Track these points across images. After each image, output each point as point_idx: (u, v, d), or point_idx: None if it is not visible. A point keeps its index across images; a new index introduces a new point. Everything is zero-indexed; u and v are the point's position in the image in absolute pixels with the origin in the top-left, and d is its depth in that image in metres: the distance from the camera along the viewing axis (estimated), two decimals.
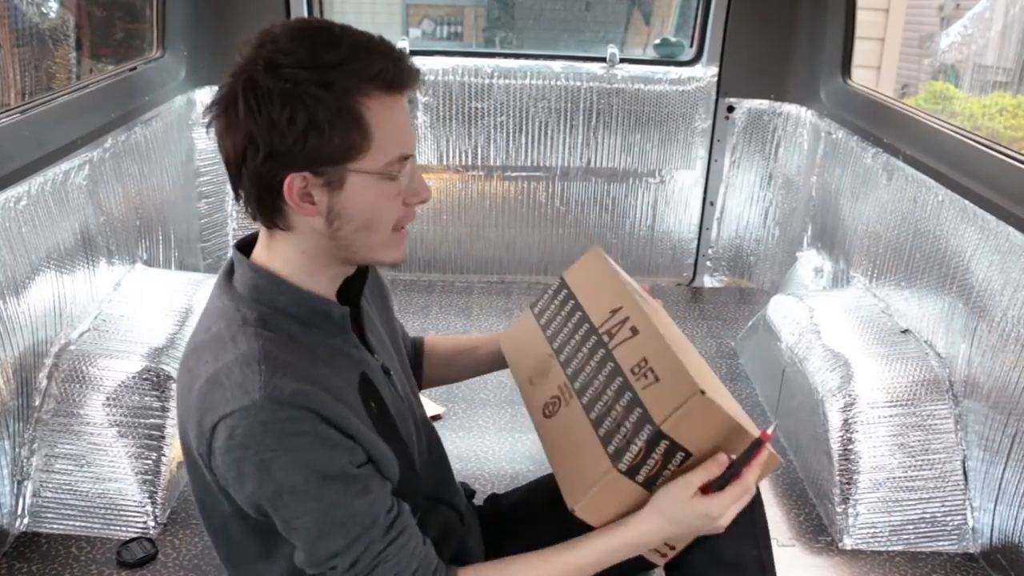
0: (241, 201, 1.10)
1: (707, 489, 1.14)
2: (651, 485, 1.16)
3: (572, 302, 1.40)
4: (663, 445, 1.12)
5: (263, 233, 1.14)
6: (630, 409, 1.16)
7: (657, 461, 1.13)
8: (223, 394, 1.03)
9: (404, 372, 1.34)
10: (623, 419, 1.16)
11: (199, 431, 1.06)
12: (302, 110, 1.01)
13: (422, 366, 1.56)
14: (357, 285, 1.22)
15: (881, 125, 2.79)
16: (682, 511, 1.14)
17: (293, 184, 1.04)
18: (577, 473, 1.18)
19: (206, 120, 1.10)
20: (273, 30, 1.09)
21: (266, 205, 1.08)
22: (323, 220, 1.07)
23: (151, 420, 2.09)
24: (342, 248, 1.11)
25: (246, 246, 1.16)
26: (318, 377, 1.07)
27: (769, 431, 1.15)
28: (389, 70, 1.04)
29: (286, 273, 1.12)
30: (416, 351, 1.56)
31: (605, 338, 1.28)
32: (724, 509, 1.15)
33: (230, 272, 1.15)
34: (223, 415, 1.02)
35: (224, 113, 1.06)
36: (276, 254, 1.12)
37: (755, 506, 1.33)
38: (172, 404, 2.13)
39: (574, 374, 1.29)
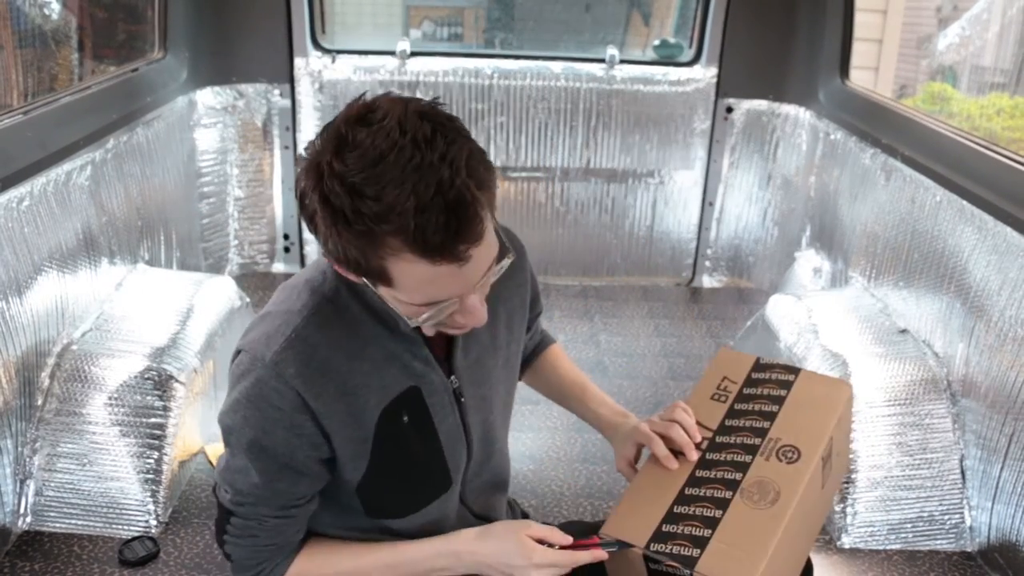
0: None
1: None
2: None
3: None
4: None
5: None
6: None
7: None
8: (257, 330, 1.13)
9: (496, 396, 1.30)
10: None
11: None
12: (324, 238, 0.98)
13: (526, 368, 1.51)
14: None
15: (879, 126, 2.80)
16: (508, 540, 1.15)
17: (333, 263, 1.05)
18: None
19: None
20: (358, 128, 0.95)
21: None
22: None
23: (153, 419, 2.10)
24: None
25: None
26: (342, 370, 1.10)
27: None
28: (425, 242, 0.93)
29: None
30: (533, 353, 1.52)
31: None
32: (544, 561, 1.13)
33: None
34: (244, 347, 1.13)
35: (299, 176, 1.01)
36: None
37: None
38: (174, 403, 2.14)
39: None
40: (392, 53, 3.42)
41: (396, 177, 0.92)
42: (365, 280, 1.03)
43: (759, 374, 1.35)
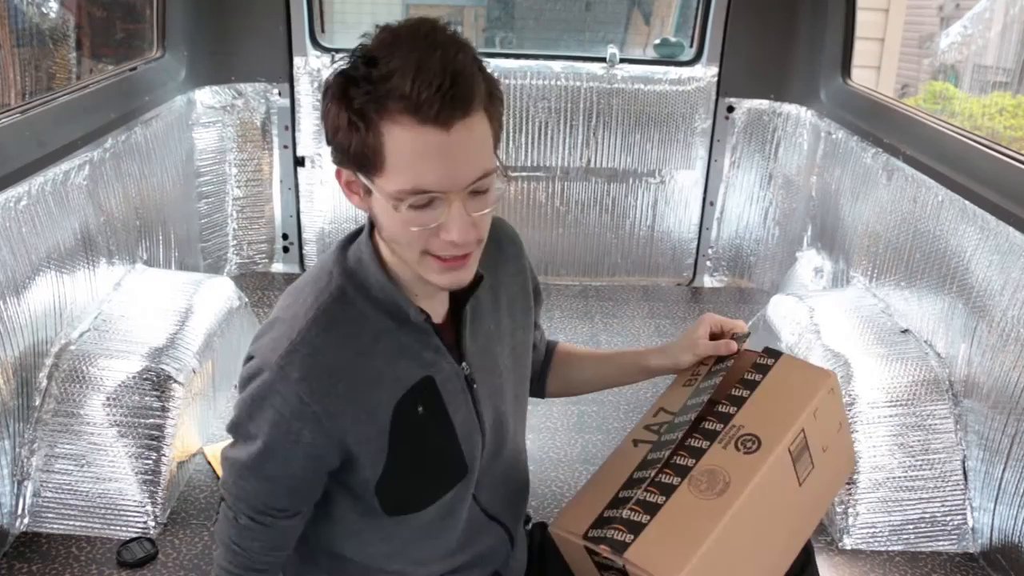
0: None
1: None
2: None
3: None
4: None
5: None
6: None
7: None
8: (266, 336, 1.15)
9: (506, 385, 1.30)
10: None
11: None
12: (335, 112, 1.03)
13: (547, 373, 1.49)
14: (468, 290, 1.19)
15: (881, 125, 2.79)
16: None
17: (341, 175, 1.09)
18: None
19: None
20: (388, 25, 1.04)
21: None
22: (371, 218, 1.11)
23: (151, 420, 2.09)
24: (393, 252, 1.12)
25: None
26: (350, 369, 1.12)
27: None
28: (415, 97, 0.97)
29: (387, 255, 1.15)
30: (546, 356, 1.49)
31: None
32: None
33: (358, 233, 1.19)
34: (253, 352, 1.15)
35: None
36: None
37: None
38: (172, 404, 2.13)
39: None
40: None
41: (408, 48, 0.99)
42: (363, 178, 1.05)
43: (738, 360, 1.29)
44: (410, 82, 0.96)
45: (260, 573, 1.24)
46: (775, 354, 1.28)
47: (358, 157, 1.03)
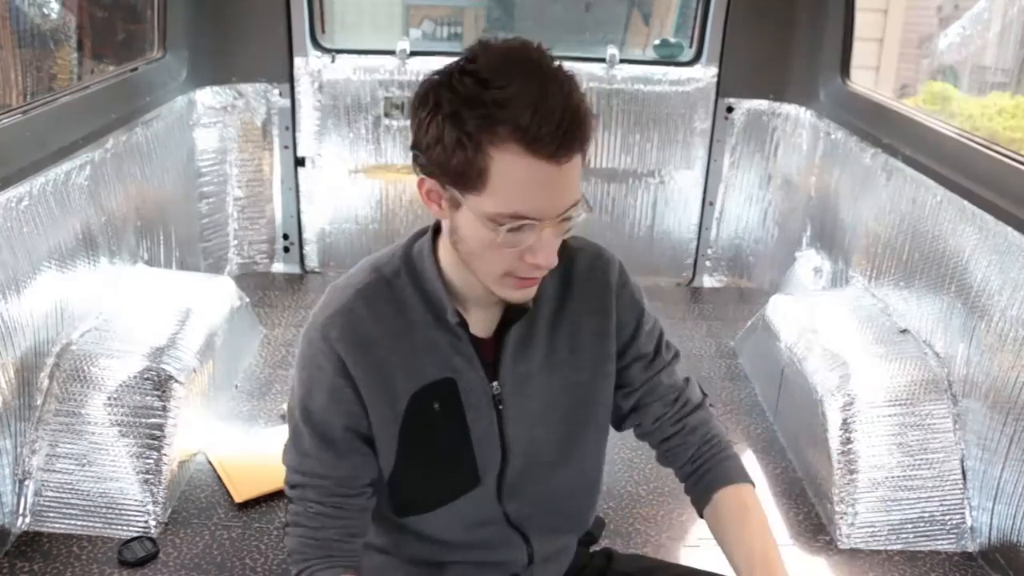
0: None
1: None
2: None
3: None
4: None
5: None
6: None
7: None
8: (321, 302, 1.21)
9: (553, 417, 1.26)
10: None
11: None
12: (436, 126, 1.03)
13: (707, 500, 1.30)
14: (518, 314, 1.20)
15: (880, 125, 2.80)
16: None
17: (424, 184, 1.10)
18: None
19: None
20: (493, 42, 1.05)
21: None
22: (448, 227, 1.12)
23: (152, 420, 2.10)
24: (463, 263, 1.13)
25: None
26: (382, 346, 1.16)
27: None
28: (533, 131, 0.98)
29: (443, 256, 1.18)
30: (709, 474, 1.31)
31: None
32: None
33: (427, 230, 1.22)
34: (312, 314, 1.21)
35: (414, 97, 1.09)
36: (444, 237, 1.17)
37: None
38: (173, 404, 2.13)
39: None
40: (392, 53, 3.41)
41: (523, 75, 0.99)
42: (456, 192, 1.05)
43: None
44: (530, 114, 0.98)
45: (339, 564, 1.20)
46: None
47: (457, 174, 1.04)
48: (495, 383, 1.22)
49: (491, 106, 0.99)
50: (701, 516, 1.32)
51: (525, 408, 1.25)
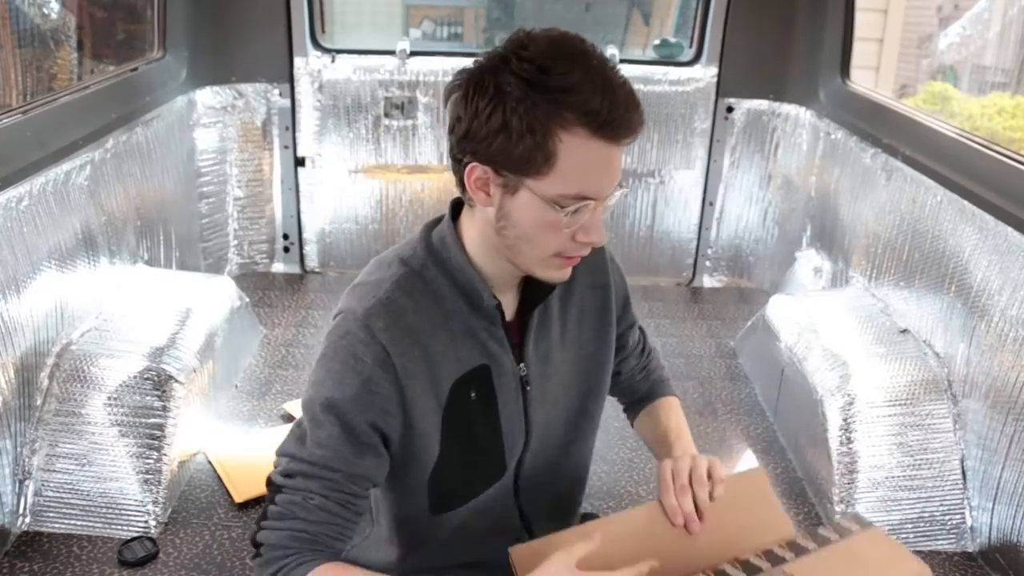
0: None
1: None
2: None
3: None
4: None
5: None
6: None
7: None
8: (351, 296, 1.20)
9: (564, 395, 1.31)
10: None
11: None
12: (501, 112, 1.05)
13: (638, 412, 1.53)
14: (542, 293, 1.24)
15: (880, 125, 2.80)
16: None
17: (474, 172, 1.11)
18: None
19: (450, 86, 1.12)
20: (534, 31, 1.09)
21: (458, 179, 1.15)
22: (494, 214, 1.13)
23: (152, 420, 2.10)
24: (505, 248, 1.15)
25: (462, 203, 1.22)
26: (425, 335, 1.16)
27: None
28: (603, 115, 1.03)
29: (469, 242, 1.19)
30: (647, 396, 1.52)
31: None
32: None
33: (438, 221, 1.24)
34: (339, 310, 1.20)
35: (459, 87, 1.10)
36: (468, 223, 1.20)
37: None
38: (173, 404, 2.13)
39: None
40: (392, 53, 3.41)
41: (582, 63, 1.04)
42: (516, 178, 1.07)
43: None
44: (599, 98, 1.03)
45: (324, 558, 1.15)
46: (865, 523, 1.17)
47: (521, 160, 1.06)
48: (522, 364, 1.25)
49: (558, 92, 1.03)
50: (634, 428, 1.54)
51: (546, 388, 1.28)
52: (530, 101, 1.03)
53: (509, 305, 1.24)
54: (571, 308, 1.30)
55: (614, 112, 1.04)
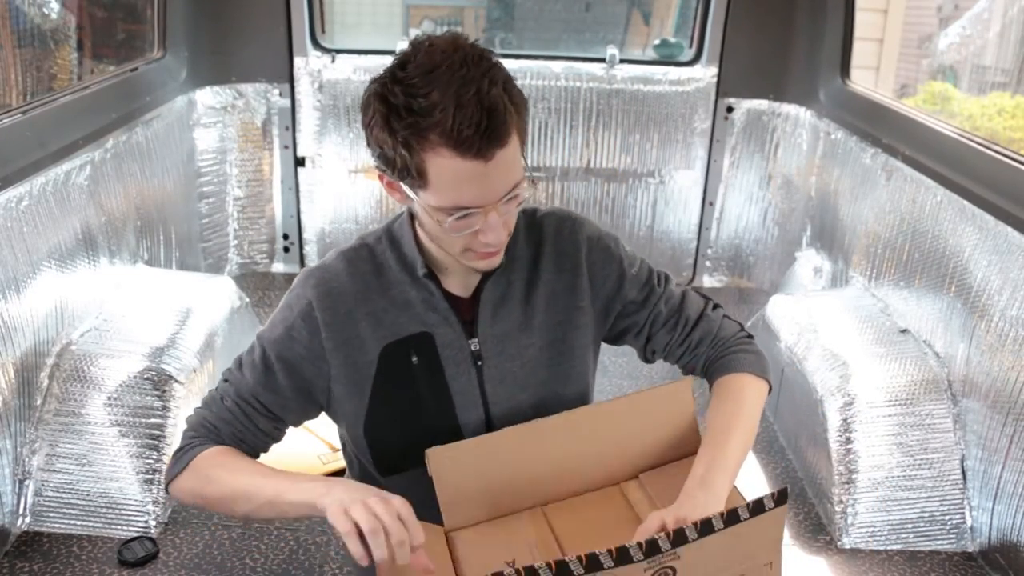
0: None
1: None
2: None
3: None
4: None
5: None
6: None
7: None
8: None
9: (533, 377, 1.34)
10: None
11: None
12: (380, 130, 1.14)
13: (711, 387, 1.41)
14: (489, 273, 1.30)
15: (880, 125, 2.80)
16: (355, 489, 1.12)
17: (384, 176, 1.21)
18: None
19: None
20: (432, 38, 1.15)
21: None
22: (411, 213, 1.25)
23: (152, 420, 2.10)
24: (430, 240, 1.25)
25: None
26: (358, 297, 1.28)
27: None
28: (456, 135, 1.08)
29: (422, 234, 1.28)
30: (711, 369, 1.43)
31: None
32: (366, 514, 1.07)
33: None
34: None
35: (363, 94, 1.20)
36: None
37: None
38: (173, 403, 2.13)
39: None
40: (392, 53, 3.39)
41: (445, 82, 1.09)
42: (407, 187, 1.17)
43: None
44: (451, 119, 1.07)
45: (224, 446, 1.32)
46: (782, 499, 1.10)
47: (403, 172, 1.15)
48: (473, 340, 1.31)
49: (417, 114, 1.09)
50: None
51: (506, 369, 1.32)
52: (392, 125, 1.11)
53: (466, 283, 1.32)
54: (538, 293, 1.34)
55: (465, 132, 1.07)
